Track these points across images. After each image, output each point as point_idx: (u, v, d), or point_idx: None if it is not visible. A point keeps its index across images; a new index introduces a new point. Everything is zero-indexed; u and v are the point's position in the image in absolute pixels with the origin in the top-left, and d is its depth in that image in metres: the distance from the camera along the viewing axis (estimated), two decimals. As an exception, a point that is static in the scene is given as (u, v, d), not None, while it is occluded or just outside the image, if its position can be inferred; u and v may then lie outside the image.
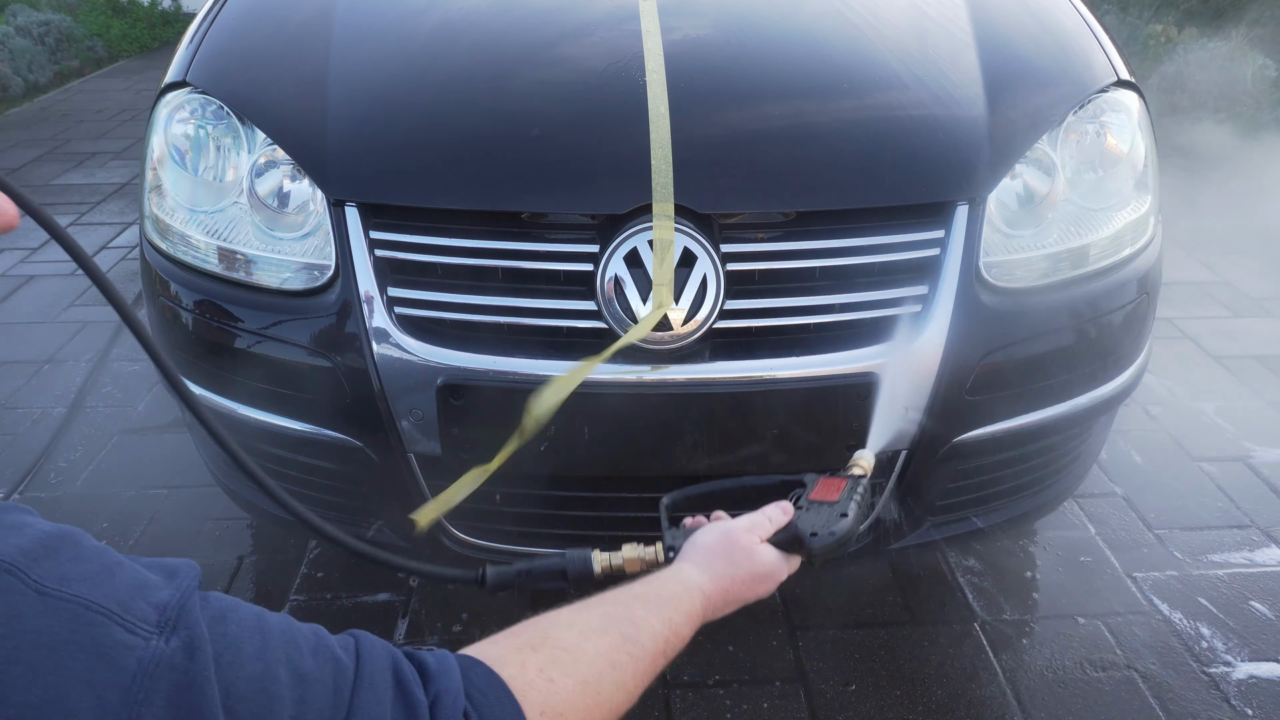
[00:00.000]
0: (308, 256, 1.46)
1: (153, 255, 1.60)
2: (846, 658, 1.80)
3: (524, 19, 1.72)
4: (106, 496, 2.24)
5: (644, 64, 1.51)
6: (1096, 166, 1.58)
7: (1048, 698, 1.72)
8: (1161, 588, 1.97)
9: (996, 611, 1.91)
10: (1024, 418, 1.52)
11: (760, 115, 1.49)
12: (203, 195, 1.54)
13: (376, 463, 1.47)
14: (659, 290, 1.33)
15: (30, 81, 6.11)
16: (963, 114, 1.51)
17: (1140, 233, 1.62)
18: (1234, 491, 2.25)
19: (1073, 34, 1.76)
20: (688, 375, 1.36)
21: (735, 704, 1.70)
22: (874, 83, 1.57)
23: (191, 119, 1.58)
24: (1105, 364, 1.58)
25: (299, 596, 1.93)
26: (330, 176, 1.44)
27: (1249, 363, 2.85)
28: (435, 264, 1.41)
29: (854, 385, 1.38)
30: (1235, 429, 2.51)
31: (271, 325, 1.46)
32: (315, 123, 1.49)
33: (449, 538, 1.55)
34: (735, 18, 1.73)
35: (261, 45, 1.72)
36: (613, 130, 1.45)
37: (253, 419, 1.52)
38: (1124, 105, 1.64)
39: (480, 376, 1.37)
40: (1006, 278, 1.47)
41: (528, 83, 1.56)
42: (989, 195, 1.46)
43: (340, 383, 1.42)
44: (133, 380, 2.75)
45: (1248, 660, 1.80)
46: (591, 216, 1.39)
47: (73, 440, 2.46)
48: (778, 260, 1.40)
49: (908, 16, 1.75)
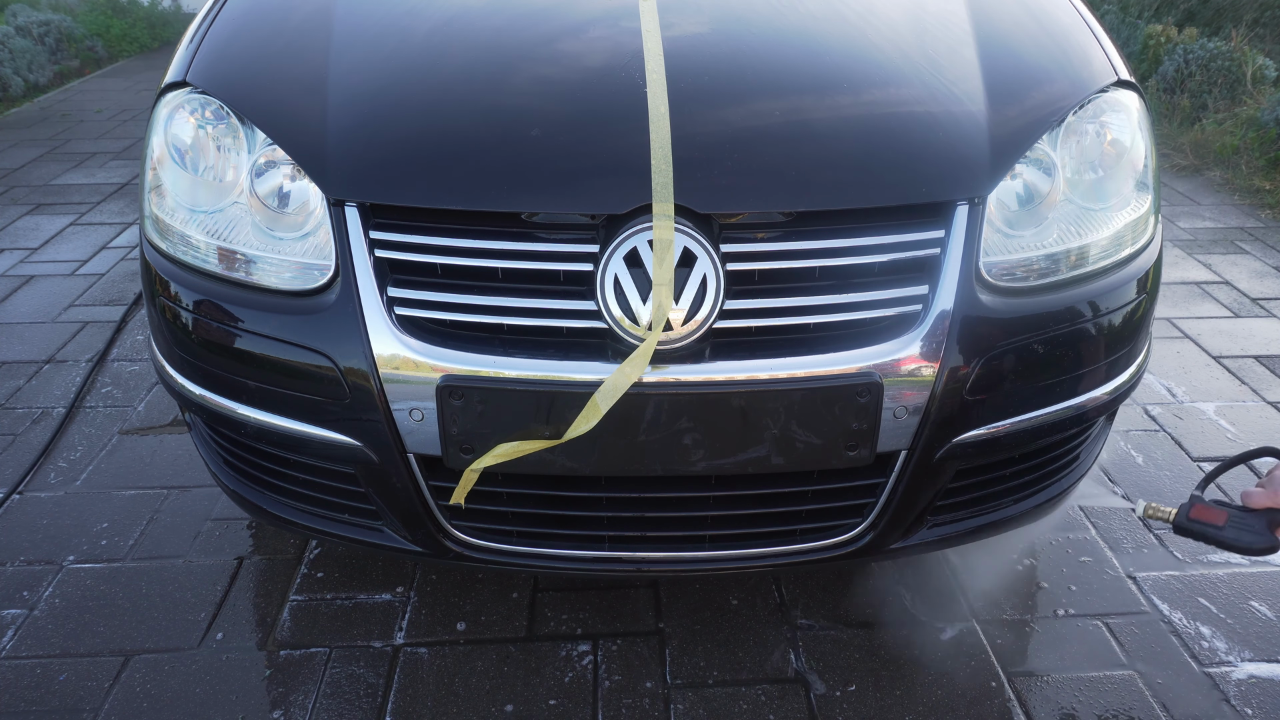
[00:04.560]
0: (308, 256, 1.46)
1: (153, 255, 1.60)
2: (846, 658, 1.80)
3: (523, 18, 1.72)
4: (106, 496, 2.24)
5: (644, 63, 1.51)
6: (1096, 166, 1.58)
7: (1048, 698, 1.72)
8: (1161, 588, 1.97)
9: (996, 611, 1.91)
10: (1024, 418, 1.52)
11: (760, 114, 1.49)
12: (203, 195, 1.54)
13: (376, 463, 1.47)
14: (659, 290, 1.33)
15: (30, 81, 6.11)
16: (963, 114, 1.52)
17: (1140, 233, 1.62)
18: (1234, 491, 2.25)
19: (1072, 34, 1.76)
20: (687, 375, 1.37)
21: (735, 704, 1.70)
22: (874, 83, 1.58)
23: (192, 119, 1.58)
24: (1105, 364, 1.58)
25: (299, 597, 1.93)
26: (330, 176, 1.44)
27: (1249, 363, 2.85)
28: (435, 264, 1.41)
29: (854, 385, 1.38)
30: (1235, 429, 2.52)
31: (271, 325, 1.46)
32: (315, 122, 1.49)
33: (449, 538, 1.55)
34: (735, 17, 1.73)
35: (261, 45, 1.72)
36: (612, 130, 1.45)
37: (252, 419, 1.52)
38: (1124, 105, 1.64)
39: (480, 377, 1.37)
40: (1006, 278, 1.48)
41: (527, 82, 1.56)
42: (989, 195, 1.46)
43: (340, 383, 1.42)
44: (133, 380, 2.75)
45: (1248, 660, 1.80)
46: (591, 216, 1.39)
47: (73, 440, 2.46)
48: (778, 260, 1.40)
49: (907, 17, 1.75)
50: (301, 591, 1.95)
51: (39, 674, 1.76)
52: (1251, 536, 1.29)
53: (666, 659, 1.80)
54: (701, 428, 1.39)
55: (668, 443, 1.40)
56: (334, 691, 1.72)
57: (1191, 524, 1.33)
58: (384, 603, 1.92)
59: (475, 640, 1.83)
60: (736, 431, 1.40)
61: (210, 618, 1.88)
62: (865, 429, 1.41)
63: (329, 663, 1.78)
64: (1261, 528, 1.28)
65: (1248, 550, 1.29)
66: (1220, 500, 1.35)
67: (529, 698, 1.71)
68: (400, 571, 1.99)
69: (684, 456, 1.41)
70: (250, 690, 1.73)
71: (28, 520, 2.17)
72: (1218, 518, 1.31)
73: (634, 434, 1.39)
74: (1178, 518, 1.34)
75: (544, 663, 1.78)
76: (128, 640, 1.84)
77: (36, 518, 2.18)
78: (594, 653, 1.81)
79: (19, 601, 1.93)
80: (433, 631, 1.85)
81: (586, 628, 1.86)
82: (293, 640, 1.83)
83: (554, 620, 1.88)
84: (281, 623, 1.87)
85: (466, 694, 1.72)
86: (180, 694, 1.72)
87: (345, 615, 1.89)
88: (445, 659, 1.79)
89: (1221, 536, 1.30)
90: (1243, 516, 1.30)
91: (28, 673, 1.77)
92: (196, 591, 1.95)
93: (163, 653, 1.81)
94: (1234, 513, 1.31)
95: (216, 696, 1.72)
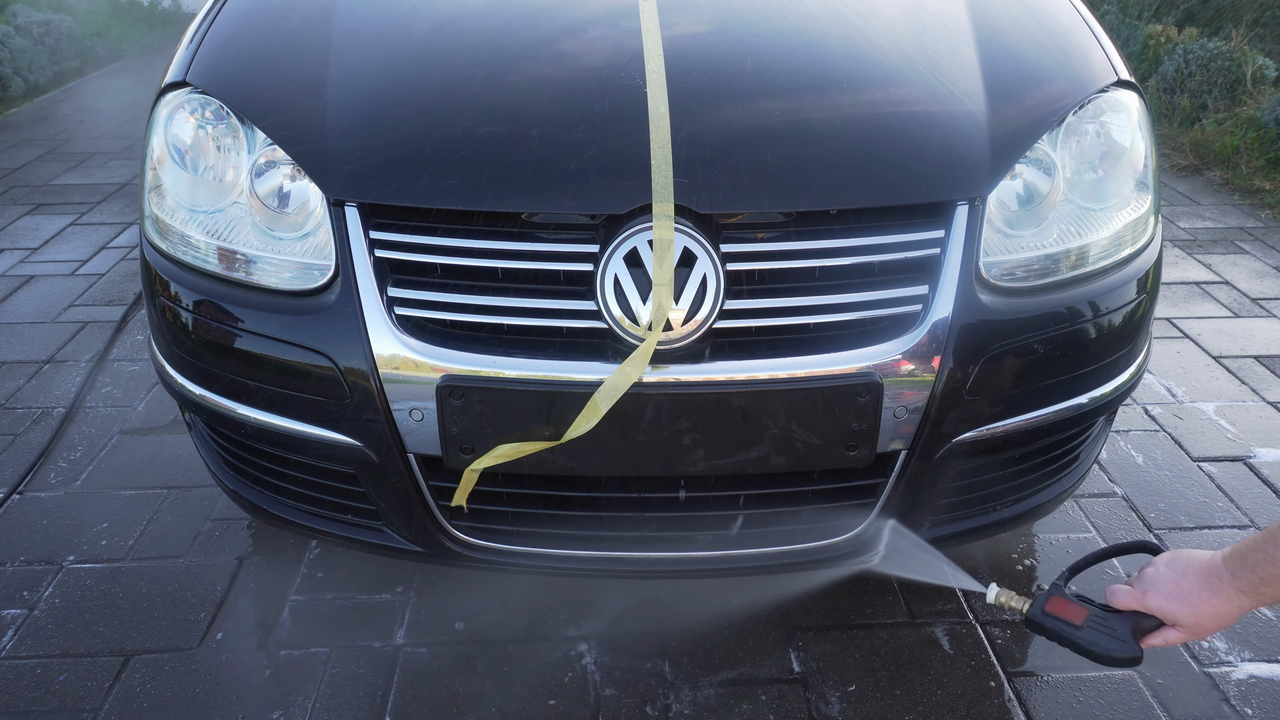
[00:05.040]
0: (308, 256, 1.46)
1: (152, 255, 1.60)
2: (846, 658, 1.80)
3: (523, 18, 1.72)
4: (106, 496, 2.24)
5: (644, 63, 1.51)
6: (1096, 166, 1.58)
7: (1048, 698, 1.72)
8: (1161, 588, 1.97)
9: (997, 612, 1.91)
10: (1024, 417, 1.52)
11: (760, 114, 1.49)
12: (203, 195, 1.54)
13: (376, 463, 1.47)
14: (659, 290, 1.33)
15: (30, 81, 6.11)
16: (963, 114, 1.52)
17: (1140, 233, 1.62)
18: (1234, 491, 2.25)
19: (1072, 34, 1.76)
20: (687, 375, 1.37)
21: (735, 704, 1.70)
22: (874, 83, 1.58)
23: (191, 119, 1.58)
24: (1105, 364, 1.58)
25: (299, 597, 1.93)
26: (330, 176, 1.44)
27: (1249, 363, 2.85)
28: (435, 264, 1.41)
29: (854, 385, 1.38)
30: (1235, 429, 2.52)
31: (271, 325, 1.46)
32: (315, 122, 1.49)
33: (449, 538, 1.55)
34: (735, 17, 1.73)
35: (261, 45, 1.72)
36: (612, 130, 1.45)
37: (252, 419, 1.52)
38: (1124, 105, 1.64)
39: (480, 377, 1.37)
40: (1006, 278, 1.48)
41: (527, 82, 1.56)
42: (989, 195, 1.46)
43: (340, 383, 1.42)
44: (133, 380, 2.75)
45: (1248, 660, 1.80)
46: (591, 217, 1.39)
47: (73, 440, 2.46)
48: (778, 260, 1.40)
49: (907, 16, 1.75)
50: (301, 591, 1.95)
51: (39, 674, 1.76)
52: (1111, 642, 1.14)
53: (666, 659, 1.80)
54: (701, 428, 1.39)
55: (668, 443, 1.40)
56: (334, 692, 1.72)
57: (1045, 618, 1.19)
58: (384, 603, 1.92)
59: (475, 640, 1.83)
60: (736, 432, 1.40)
61: (210, 618, 1.88)
62: (865, 429, 1.41)
63: (329, 663, 1.78)
64: (1124, 633, 1.14)
65: (1104, 658, 1.14)
66: (1083, 596, 1.21)
67: (529, 698, 1.71)
68: (400, 571, 1.99)
69: (684, 457, 1.41)
70: (250, 690, 1.73)
71: (28, 520, 2.17)
72: (1076, 615, 1.17)
73: (634, 434, 1.39)
74: (1032, 610, 1.21)
75: (544, 663, 1.78)
76: (128, 640, 1.84)
77: (36, 518, 2.18)
78: (594, 653, 1.81)
79: (19, 601, 1.93)
80: (433, 631, 1.85)
81: (586, 628, 1.86)
82: (293, 640, 1.83)
83: (554, 620, 1.88)
84: (281, 623, 1.87)
85: (466, 694, 1.72)
86: (180, 694, 1.72)
87: (345, 615, 1.89)
88: (445, 659, 1.79)
89: (1077, 637, 1.16)
90: (1105, 617, 1.16)
91: (28, 673, 1.77)
92: (196, 591, 1.95)
93: (163, 653, 1.81)
94: (1095, 611, 1.17)
95: (216, 696, 1.72)
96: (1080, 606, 1.18)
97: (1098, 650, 1.15)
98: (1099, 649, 1.15)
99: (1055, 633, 1.19)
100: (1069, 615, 1.18)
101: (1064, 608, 1.19)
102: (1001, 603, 1.25)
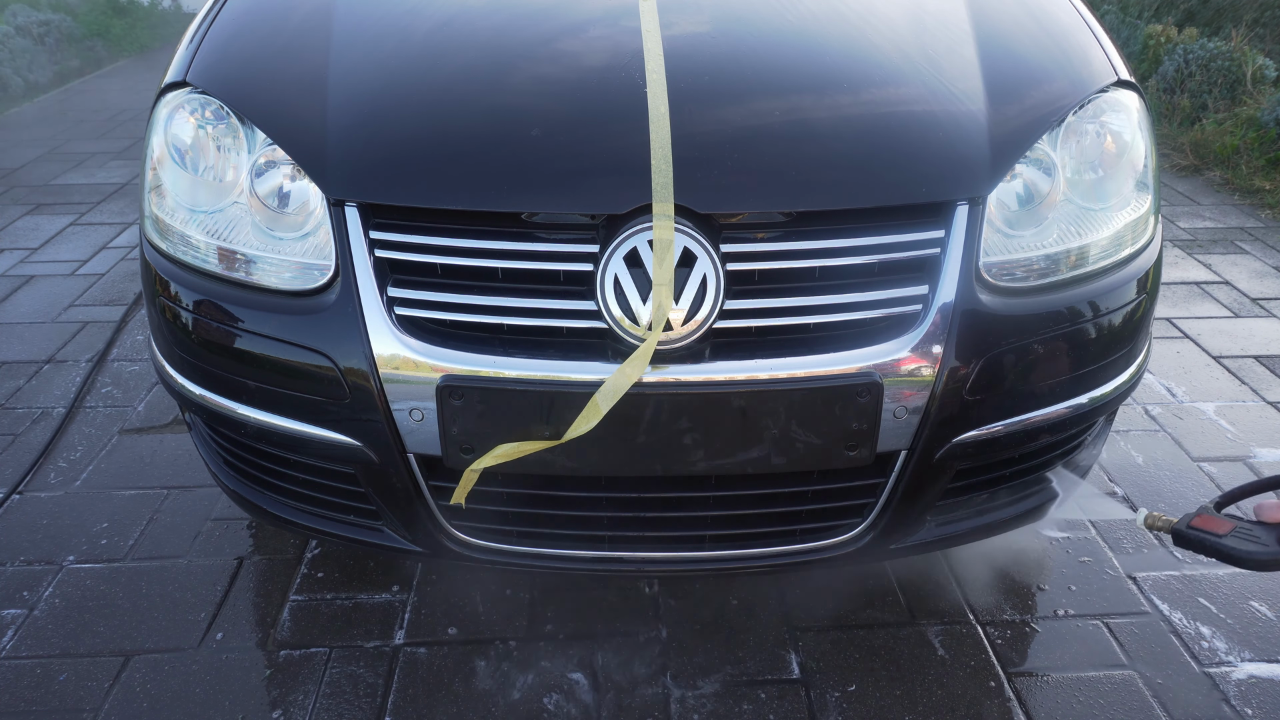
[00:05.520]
0: (308, 256, 1.46)
1: (152, 255, 1.60)
2: (846, 658, 1.80)
3: (523, 18, 1.72)
4: (106, 496, 2.24)
5: (644, 63, 1.51)
6: (1096, 166, 1.58)
7: (1048, 698, 1.72)
8: (1161, 588, 1.97)
9: (996, 611, 1.91)
10: (1024, 418, 1.52)
11: (760, 114, 1.49)
12: (203, 195, 1.54)
13: (376, 463, 1.47)
14: (659, 290, 1.33)
15: (30, 81, 6.11)
16: (962, 114, 1.52)
17: (1140, 233, 1.62)
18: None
19: (1072, 33, 1.76)
20: (687, 375, 1.37)
21: (735, 704, 1.70)
22: (874, 82, 1.58)
23: (191, 119, 1.58)
24: (1105, 364, 1.58)
25: (299, 597, 1.93)
26: (330, 176, 1.44)
27: (1249, 363, 2.85)
28: (435, 264, 1.41)
29: (854, 385, 1.38)
30: (1235, 429, 2.52)
31: (271, 325, 1.46)
32: (315, 123, 1.49)
33: (449, 538, 1.55)
34: (735, 16, 1.73)
35: (261, 45, 1.72)
36: (612, 130, 1.45)
37: (252, 419, 1.52)
38: (1124, 105, 1.64)
39: (480, 377, 1.37)
40: (1006, 278, 1.47)
41: (527, 82, 1.56)
42: (989, 195, 1.46)
43: (340, 383, 1.42)
44: (133, 380, 2.75)
45: (1248, 660, 1.80)
46: (591, 216, 1.39)
47: (73, 440, 2.46)
48: (778, 260, 1.40)
49: (907, 16, 1.75)
50: (301, 591, 1.95)
51: (39, 674, 1.76)
52: (1254, 546, 1.19)
53: (667, 659, 1.80)
54: (701, 428, 1.39)
55: (668, 443, 1.40)
56: (334, 691, 1.72)
57: (1191, 531, 1.25)
58: (383, 603, 1.92)
59: (475, 640, 1.83)
60: (736, 432, 1.40)
61: (210, 618, 1.88)
62: (865, 429, 1.41)
63: (329, 663, 1.78)
64: (1270, 540, 1.19)
65: (1248, 561, 1.19)
66: (1232, 515, 1.26)
67: (528, 697, 1.71)
68: (400, 571, 1.99)
69: (684, 456, 1.41)
70: (250, 690, 1.73)
71: (28, 520, 2.17)
72: (1220, 527, 1.23)
73: (634, 434, 1.39)
74: (1178, 525, 1.28)
75: (544, 662, 1.78)
76: (128, 640, 1.84)
77: (36, 518, 2.18)
78: (594, 653, 1.81)
79: (19, 601, 1.93)
80: (432, 631, 1.85)
81: (586, 628, 1.86)
82: (292, 640, 1.83)
83: (553, 620, 1.88)
84: (281, 623, 1.87)
85: (466, 694, 1.72)
86: (180, 694, 1.72)
87: (345, 615, 1.89)
88: (445, 659, 1.79)
89: (1221, 545, 1.21)
90: (1250, 528, 1.22)
91: (28, 673, 1.77)
92: (196, 591, 1.95)
93: (163, 653, 1.81)
94: (1242, 524, 1.23)
95: (216, 696, 1.72)
96: (1226, 520, 1.24)
97: (1240, 553, 1.20)
98: (1241, 553, 1.20)
99: (1200, 543, 1.24)
100: (1214, 527, 1.24)
101: (1209, 522, 1.25)
102: (1149, 524, 1.31)
